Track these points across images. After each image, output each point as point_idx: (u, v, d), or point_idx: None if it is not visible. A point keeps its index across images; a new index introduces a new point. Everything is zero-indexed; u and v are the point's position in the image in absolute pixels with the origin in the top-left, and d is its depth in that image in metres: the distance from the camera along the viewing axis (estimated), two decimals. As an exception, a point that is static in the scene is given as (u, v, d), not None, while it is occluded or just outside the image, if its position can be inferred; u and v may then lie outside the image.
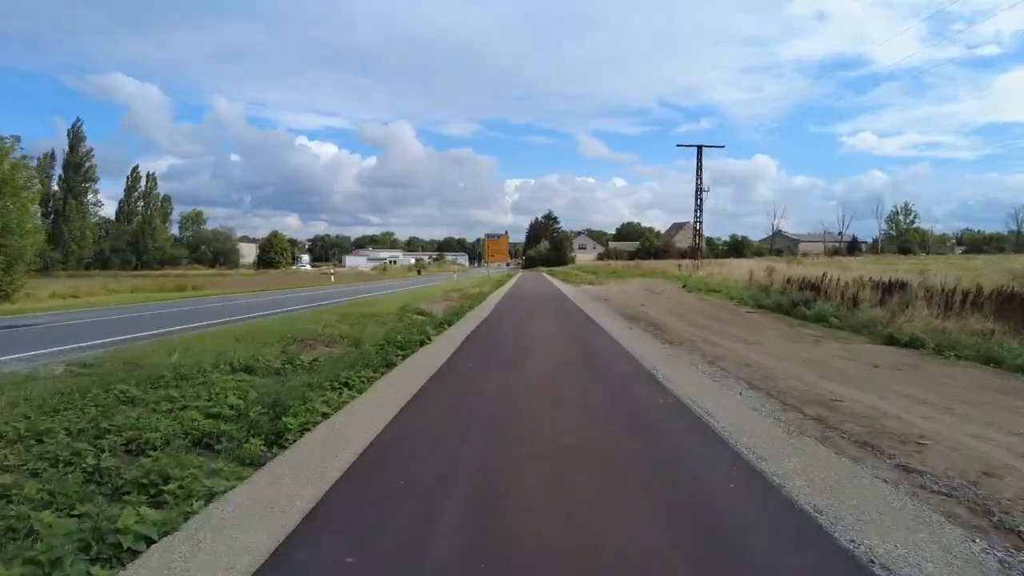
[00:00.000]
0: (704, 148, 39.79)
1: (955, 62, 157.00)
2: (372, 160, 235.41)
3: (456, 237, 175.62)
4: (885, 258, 47.67)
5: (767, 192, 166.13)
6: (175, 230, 79.86)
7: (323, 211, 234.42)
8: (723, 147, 39.01)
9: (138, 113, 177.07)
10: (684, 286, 23.59)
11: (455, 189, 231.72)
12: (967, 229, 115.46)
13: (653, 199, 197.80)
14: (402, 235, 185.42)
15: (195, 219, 79.18)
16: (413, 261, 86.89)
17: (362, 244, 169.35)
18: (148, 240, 73.24)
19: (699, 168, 39.15)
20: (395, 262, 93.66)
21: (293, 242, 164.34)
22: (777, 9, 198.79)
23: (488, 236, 42.13)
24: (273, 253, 78.06)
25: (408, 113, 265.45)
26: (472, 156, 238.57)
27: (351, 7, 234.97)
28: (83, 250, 67.59)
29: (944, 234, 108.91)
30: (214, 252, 73.68)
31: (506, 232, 47.23)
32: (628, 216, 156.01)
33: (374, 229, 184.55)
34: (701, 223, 40.18)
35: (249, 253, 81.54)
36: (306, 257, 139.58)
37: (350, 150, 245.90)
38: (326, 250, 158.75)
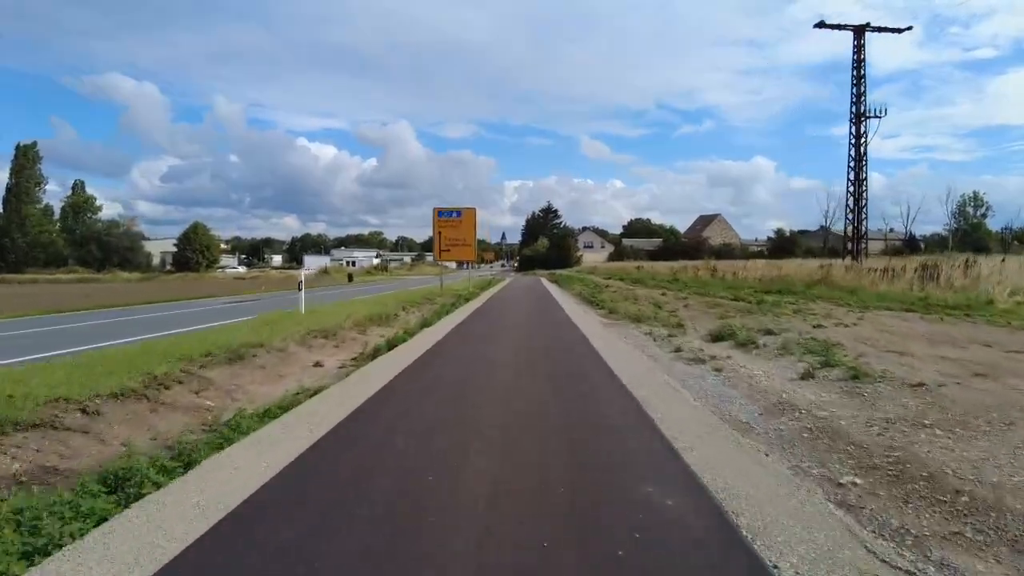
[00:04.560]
0: (869, 32, 18.49)
1: (951, 65, 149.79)
2: (371, 161, 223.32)
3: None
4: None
5: (765, 194, 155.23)
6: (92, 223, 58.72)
7: (322, 212, 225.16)
8: (908, 29, 21.39)
9: (137, 114, 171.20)
10: None
11: (454, 191, 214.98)
12: (1006, 227, 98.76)
13: (651, 201, 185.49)
14: (402, 236, 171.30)
15: (84, 207, 57.30)
16: (377, 261, 65.57)
17: (347, 243, 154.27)
18: (16, 234, 51.77)
19: (858, 71, 17.87)
20: (355, 263, 72.68)
21: (270, 241, 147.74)
22: (775, 12, 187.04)
23: (440, 213, 20.89)
24: (190, 252, 56.49)
25: (407, 115, 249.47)
26: (471, 158, 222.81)
27: (350, 9, 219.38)
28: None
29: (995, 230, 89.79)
30: (105, 250, 52.10)
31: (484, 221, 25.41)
32: (626, 217, 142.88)
33: (372, 230, 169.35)
34: (866, 180, 18.89)
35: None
36: (278, 258, 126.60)
37: (349, 151, 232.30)
38: (305, 249, 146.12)
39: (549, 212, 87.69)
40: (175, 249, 58.58)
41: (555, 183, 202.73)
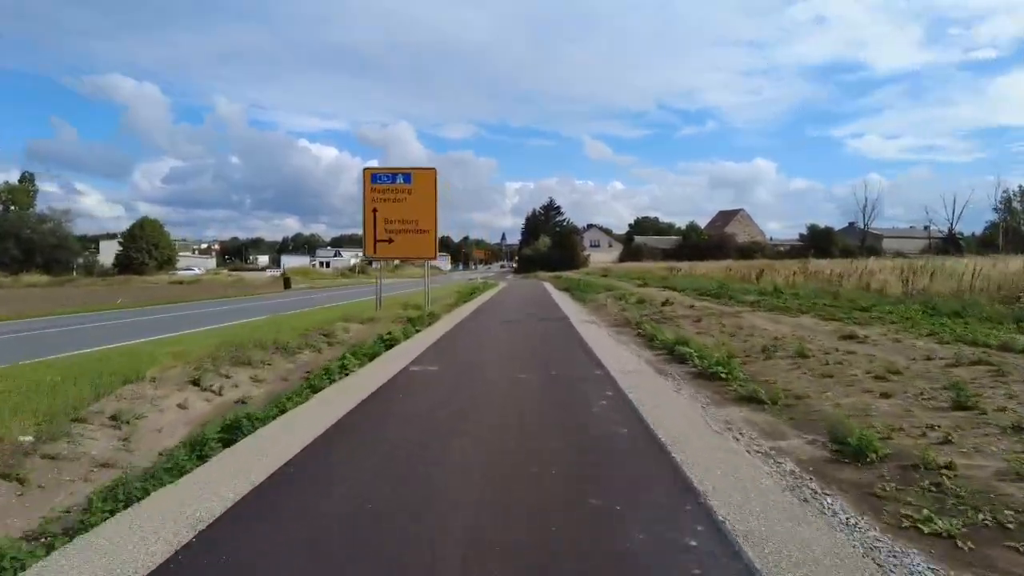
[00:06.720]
0: None
1: (952, 66, 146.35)
2: (372, 163, 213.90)
3: (445, 236, 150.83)
4: None
5: (765, 195, 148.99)
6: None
7: (323, 213, 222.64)
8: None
9: (138, 114, 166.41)
10: None
11: (455, 191, 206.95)
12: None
13: (652, 202, 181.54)
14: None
15: (8, 199, 47.45)
16: (355, 262, 56.50)
17: (341, 243, 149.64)
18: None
19: None
20: (328, 264, 64.28)
21: (258, 241, 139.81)
22: (775, 12, 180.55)
23: (373, 177, 11.86)
24: (135, 252, 47.20)
25: (407, 115, 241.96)
26: (472, 158, 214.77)
27: (350, 9, 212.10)
28: None
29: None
30: (26, 249, 42.77)
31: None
32: (628, 219, 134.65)
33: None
34: None
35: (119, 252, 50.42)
36: (264, 258, 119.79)
37: (350, 152, 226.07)
38: (297, 249, 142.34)
39: (551, 209, 78.13)
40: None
41: (556, 184, 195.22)
